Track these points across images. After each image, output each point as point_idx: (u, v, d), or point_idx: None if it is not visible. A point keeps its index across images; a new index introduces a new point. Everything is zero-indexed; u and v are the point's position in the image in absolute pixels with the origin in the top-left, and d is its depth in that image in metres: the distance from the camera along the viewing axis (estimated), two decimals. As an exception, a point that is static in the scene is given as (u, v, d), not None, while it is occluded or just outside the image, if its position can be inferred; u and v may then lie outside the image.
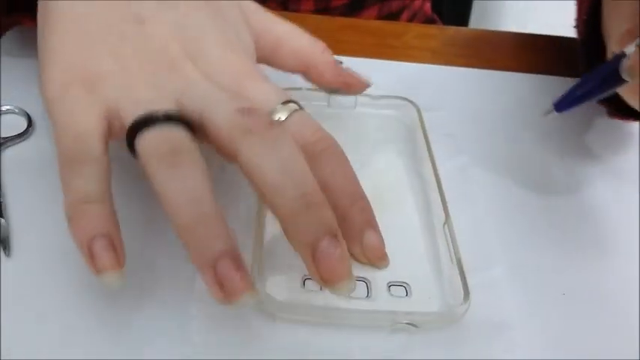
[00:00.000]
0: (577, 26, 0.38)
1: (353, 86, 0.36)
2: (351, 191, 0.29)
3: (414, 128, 0.40)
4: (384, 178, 0.32)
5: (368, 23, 0.54)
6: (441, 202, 0.33)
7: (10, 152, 0.37)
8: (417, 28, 0.54)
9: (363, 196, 0.29)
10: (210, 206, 0.25)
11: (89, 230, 0.26)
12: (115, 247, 0.26)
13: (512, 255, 0.33)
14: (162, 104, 0.28)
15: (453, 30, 0.54)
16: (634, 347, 0.30)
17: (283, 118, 0.29)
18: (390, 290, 0.30)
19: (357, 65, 0.37)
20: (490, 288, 0.31)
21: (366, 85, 0.36)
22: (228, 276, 0.24)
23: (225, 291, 0.25)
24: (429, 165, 0.36)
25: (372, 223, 0.29)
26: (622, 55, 0.28)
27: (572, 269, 0.33)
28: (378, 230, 0.29)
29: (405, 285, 0.30)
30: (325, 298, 0.30)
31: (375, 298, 0.30)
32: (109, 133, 0.29)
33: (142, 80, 0.29)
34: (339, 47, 0.38)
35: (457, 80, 0.47)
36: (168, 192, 0.25)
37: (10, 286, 0.30)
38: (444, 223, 0.33)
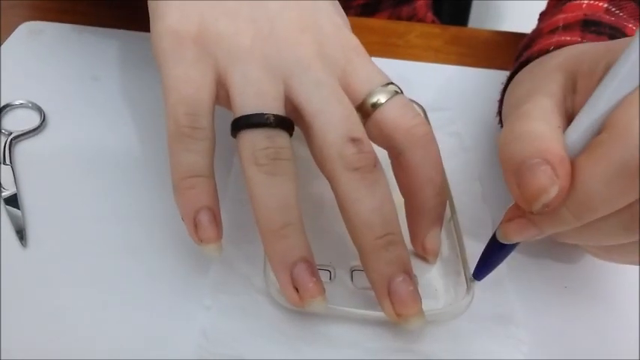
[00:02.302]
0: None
1: None
2: (436, 182, 0.30)
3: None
4: (390, 177, 0.33)
5: (371, 22, 0.55)
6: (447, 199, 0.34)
7: (24, 146, 0.37)
8: (419, 27, 0.55)
9: (444, 191, 0.31)
10: (297, 215, 0.27)
11: (195, 203, 0.27)
12: (217, 221, 0.28)
13: (516, 250, 0.34)
14: (271, 88, 0.29)
15: (455, 29, 0.55)
16: (634, 339, 0.31)
17: (383, 100, 0.30)
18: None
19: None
20: (494, 283, 0.32)
21: None
22: (304, 280, 0.27)
23: (299, 294, 0.27)
24: None
25: (441, 221, 0.31)
26: None
27: (574, 263, 0.34)
28: (441, 229, 0.32)
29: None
30: (330, 290, 0.30)
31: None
32: (216, 99, 0.29)
33: (254, 52, 0.29)
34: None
35: (460, 79, 0.48)
36: (263, 196, 0.27)
37: (27, 275, 0.31)
38: (450, 219, 0.33)
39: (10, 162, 0.36)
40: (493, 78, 0.48)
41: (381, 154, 0.30)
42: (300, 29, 0.30)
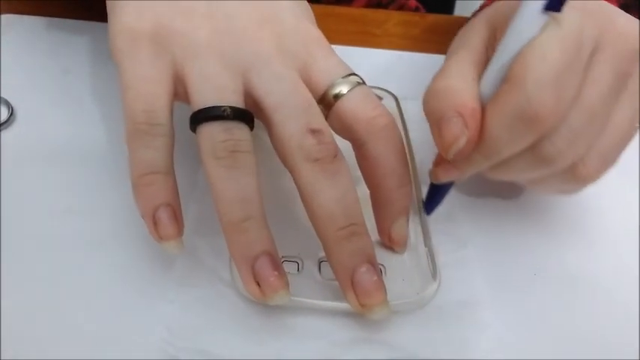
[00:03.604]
0: None
1: None
2: (399, 173, 0.30)
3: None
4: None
5: (349, 11, 0.54)
6: (415, 188, 0.34)
7: (-9, 141, 0.37)
8: (398, 16, 0.54)
9: (409, 182, 0.31)
10: (258, 208, 0.27)
11: (154, 200, 0.27)
12: (177, 217, 0.27)
13: (483, 235, 0.34)
14: (229, 82, 0.28)
15: (434, 17, 0.55)
16: (603, 325, 0.30)
17: (345, 91, 0.30)
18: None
19: (338, 53, 0.37)
20: (461, 268, 0.32)
21: None
22: (265, 274, 0.26)
23: (261, 288, 0.27)
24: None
25: (407, 211, 0.31)
26: None
27: (542, 249, 0.34)
28: (408, 219, 0.31)
29: (380, 267, 0.31)
30: (298, 281, 0.30)
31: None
32: (174, 96, 0.29)
33: (211, 47, 0.29)
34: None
35: (439, 68, 0.47)
36: (223, 190, 0.27)
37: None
38: (418, 208, 0.33)
39: (-23, 157, 0.35)
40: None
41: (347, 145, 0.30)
42: (259, 23, 0.30)
